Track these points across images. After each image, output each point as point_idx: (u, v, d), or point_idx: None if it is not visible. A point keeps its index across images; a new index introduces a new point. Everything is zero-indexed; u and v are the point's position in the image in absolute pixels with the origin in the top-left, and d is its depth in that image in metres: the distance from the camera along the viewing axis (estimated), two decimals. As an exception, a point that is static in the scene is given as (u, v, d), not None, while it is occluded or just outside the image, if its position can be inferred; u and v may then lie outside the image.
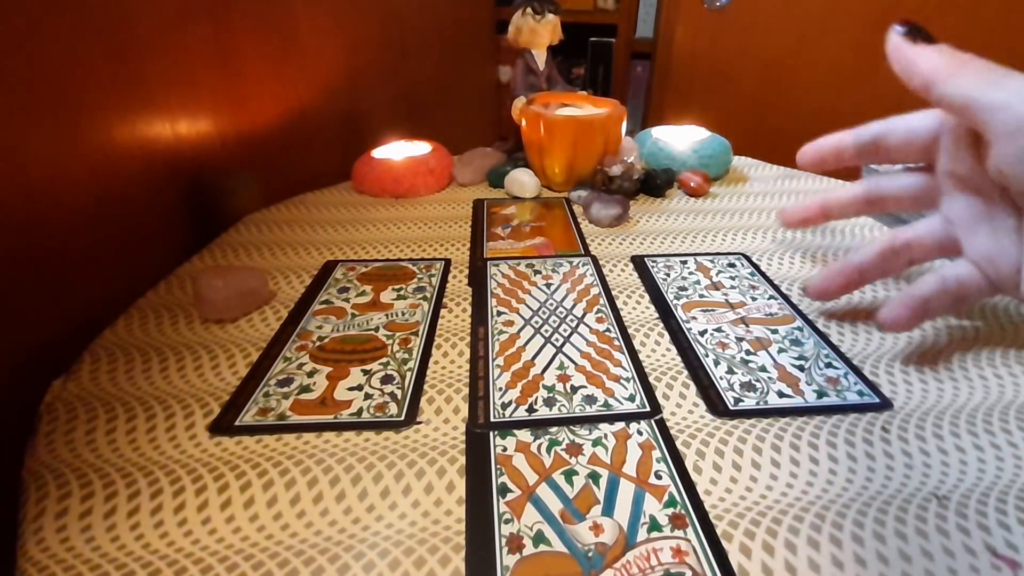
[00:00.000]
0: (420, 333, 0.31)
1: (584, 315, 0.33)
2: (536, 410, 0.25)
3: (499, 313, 0.33)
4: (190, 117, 0.41)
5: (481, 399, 0.26)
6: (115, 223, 0.35)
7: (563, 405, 0.26)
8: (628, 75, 1.37)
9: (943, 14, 1.00)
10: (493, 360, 0.29)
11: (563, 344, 0.30)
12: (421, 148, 0.53)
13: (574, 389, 0.27)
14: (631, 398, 0.26)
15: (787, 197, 0.51)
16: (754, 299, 0.34)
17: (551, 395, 0.26)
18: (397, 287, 0.35)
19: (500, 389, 0.27)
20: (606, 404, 0.26)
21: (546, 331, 0.31)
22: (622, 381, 0.27)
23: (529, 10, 0.51)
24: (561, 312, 0.33)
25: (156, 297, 0.34)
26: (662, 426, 0.24)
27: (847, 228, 0.44)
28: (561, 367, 0.28)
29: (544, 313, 0.33)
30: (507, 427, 0.24)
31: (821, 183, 0.54)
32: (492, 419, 0.25)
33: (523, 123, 0.51)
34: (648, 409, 0.25)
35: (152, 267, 0.37)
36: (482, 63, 1.28)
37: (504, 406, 0.25)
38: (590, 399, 0.26)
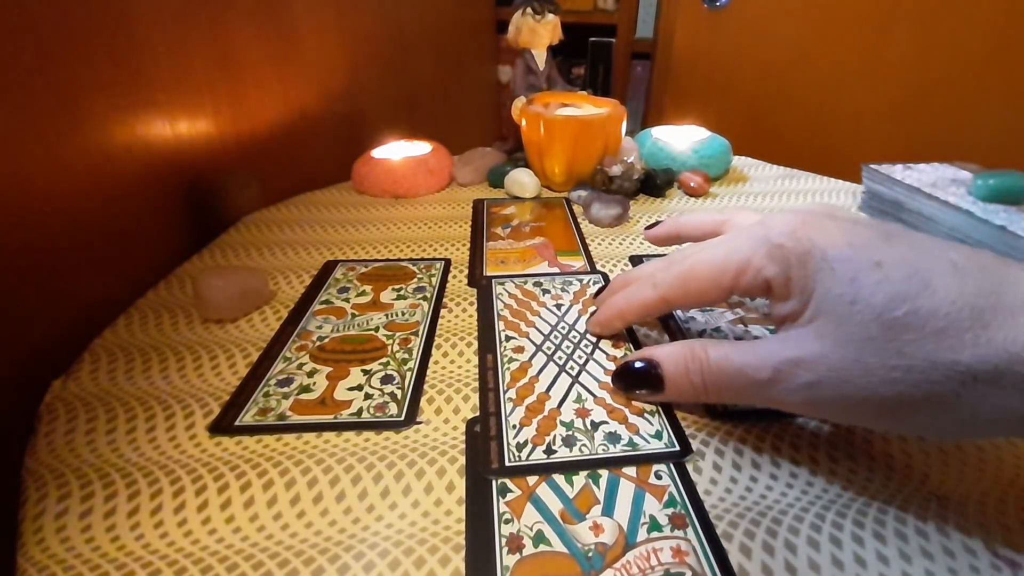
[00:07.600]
0: (420, 333, 0.31)
1: (599, 339, 0.30)
2: (555, 451, 0.23)
3: (508, 338, 0.30)
4: (190, 117, 0.41)
5: (494, 439, 0.24)
6: (115, 223, 0.35)
7: (584, 445, 0.23)
8: (628, 75, 1.37)
9: (942, 15, 1.00)
10: (504, 393, 0.26)
11: (579, 373, 0.27)
12: (421, 148, 0.53)
13: (594, 425, 0.24)
14: (658, 435, 0.24)
15: (787, 197, 0.51)
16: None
17: (570, 432, 0.24)
18: (397, 287, 0.35)
19: (514, 427, 0.24)
20: (631, 443, 0.23)
21: (559, 358, 0.28)
22: (646, 415, 0.25)
23: (529, 10, 0.51)
24: (574, 336, 0.30)
25: (156, 297, 0.34)
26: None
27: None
28: (579, 399, 0.26)
29: (556, 337, 0.30)
30: (525, 472, 0.22)
31: (822, 183, 0.54)
32: (507, 462, 0.22)
33: (523, 123, 0.51)
34: (678, 448, 0.23)
35: (152, 267, 0.37)
36: (482, 63, 1.28)
37: (520, 447, 0.23)
38: (613, 437, 0.24)
